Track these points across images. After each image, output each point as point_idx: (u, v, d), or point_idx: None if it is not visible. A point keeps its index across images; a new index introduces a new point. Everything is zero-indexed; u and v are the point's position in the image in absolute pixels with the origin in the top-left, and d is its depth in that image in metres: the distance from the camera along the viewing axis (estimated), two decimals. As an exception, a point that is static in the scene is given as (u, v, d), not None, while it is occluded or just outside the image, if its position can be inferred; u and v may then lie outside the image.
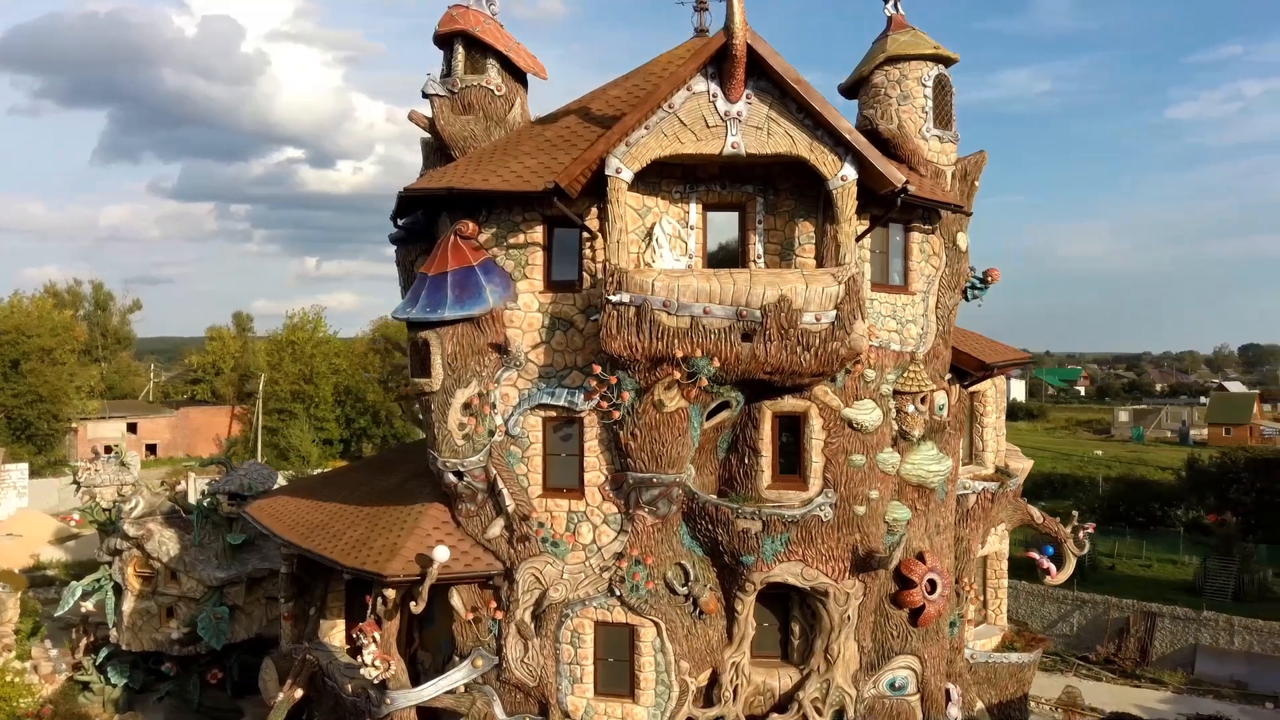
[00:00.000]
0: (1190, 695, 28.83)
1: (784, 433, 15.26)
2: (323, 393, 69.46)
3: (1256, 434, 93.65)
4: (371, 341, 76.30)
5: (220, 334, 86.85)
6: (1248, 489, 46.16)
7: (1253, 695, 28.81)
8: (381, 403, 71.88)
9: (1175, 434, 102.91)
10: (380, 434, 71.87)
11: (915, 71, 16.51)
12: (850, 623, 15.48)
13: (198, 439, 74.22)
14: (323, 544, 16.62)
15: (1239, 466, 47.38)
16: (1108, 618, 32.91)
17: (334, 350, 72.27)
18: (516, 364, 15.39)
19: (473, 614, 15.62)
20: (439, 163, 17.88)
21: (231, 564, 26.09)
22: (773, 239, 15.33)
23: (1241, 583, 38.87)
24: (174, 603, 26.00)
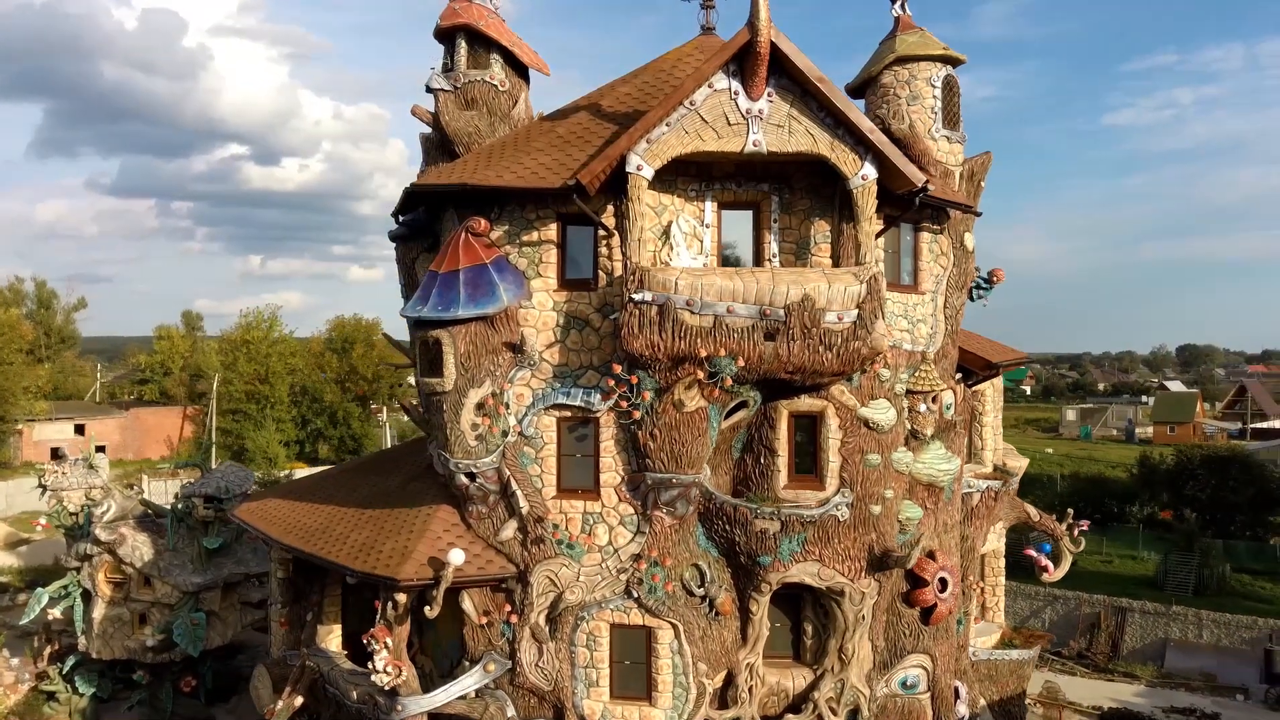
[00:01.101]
0: (1163, 688, 29.43)
1: (799, 432, 15.22)
2: (279, 393, 68.16)
3: (1199, 432, 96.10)
4: (328, 341, 75.05)
5: (169, 333, 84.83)
6: (1203, 486, 47.33)
7: (1221, 688, 29.47)
8: (339, 403, 70.77)
9: (1121, 432, 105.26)
10: (337, 435, 70.77)
11: (924, 72, 16.58)
12: (865, 622, 15.48)
13: (149, 440, 72.38)
14: (326, 548, 16.22)
15: (1195, 464, 48.55)
16: (1079, 613, 33.48)
17: (290, 350, 70.95)
18: (530, 363, 15.15)
19: (485, 618, 15.34)
20: (441, 159, 17.55)
21: (207, 568, 25.45)
22: (788, 238, 15.27)
23: (1202, 577, 39.86)
24: (147, 609, 25.30)
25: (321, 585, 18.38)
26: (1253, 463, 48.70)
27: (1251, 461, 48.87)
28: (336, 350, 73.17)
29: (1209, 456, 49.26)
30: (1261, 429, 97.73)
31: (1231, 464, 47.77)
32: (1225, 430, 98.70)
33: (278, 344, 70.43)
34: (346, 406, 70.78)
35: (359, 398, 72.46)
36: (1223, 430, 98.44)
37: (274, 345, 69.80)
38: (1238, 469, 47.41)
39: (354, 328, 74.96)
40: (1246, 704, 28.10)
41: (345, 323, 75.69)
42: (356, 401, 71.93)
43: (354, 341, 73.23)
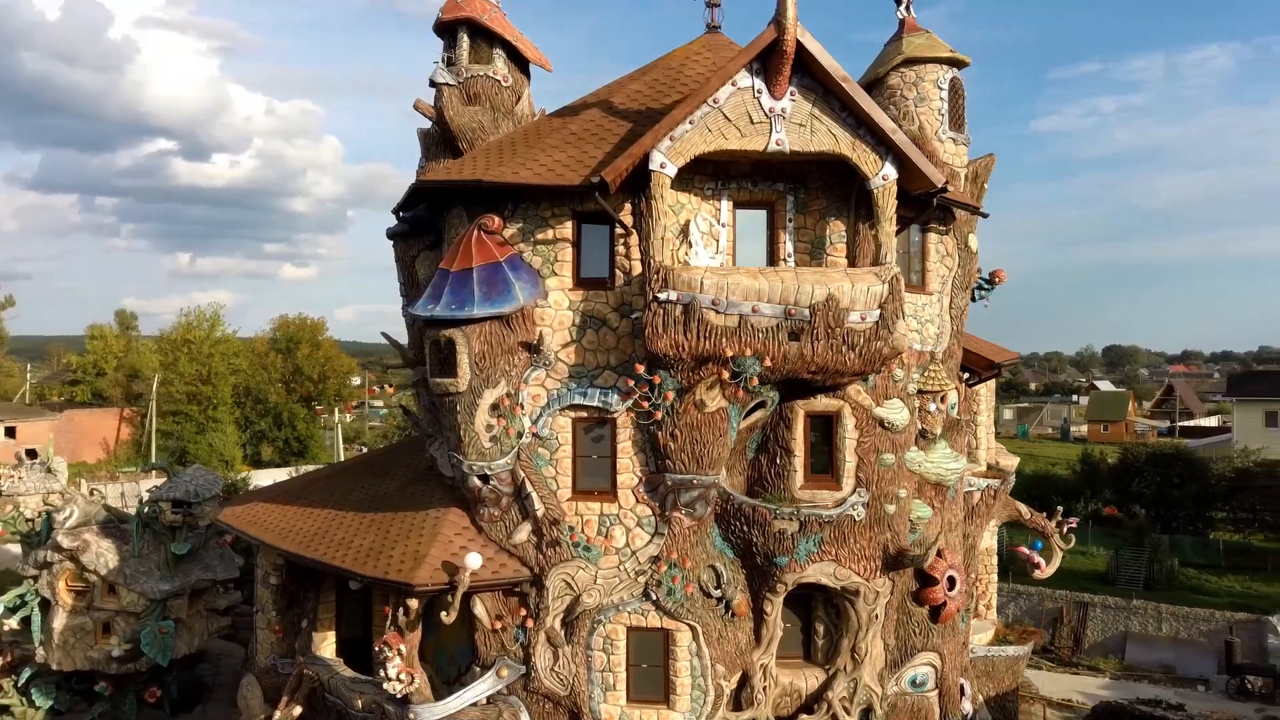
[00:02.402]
0: (1126, 681, 30.12)
1: (813, 432, 15.21)
2: (222, 394, 66.48)
3: (1131, 430, 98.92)
4: (272, 341, 73.43)
5: (102, 333, 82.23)
6: (1149, 483, 48.64)
7: (1182, 679, 30.28)
8: (284, 404, 69.30)
9: (1056, 431, 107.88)
10: (282, 437, 69.30)
11: (931, 74, 16.72)
12: (878, 621, 15.53)
13: (84, 443, 69.97)
14: (329, 553, 15.77)
15: (1141, 462, 49.89)
16: (1043, 609, 34.14)
17: (233, 350, 69.25)
18: (546, 363, 14.91)
19: (498, 623, 15.05)
20: (442, 154, 17.21)
21: (175, 575, 24.65)
22: (803, 238, 15.25)
23: (1152, 572, 40.91)
24: (111, 618, 24.38)
25: (316, 591, 17.88)
26: (1195, 460, 50.21)
27: (1194, 459, 50.38)
28: (281, 350, 71.63)
29: (1154, 454, 50.65)
30: (1188, 427, 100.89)
31: (1175, 461, 49.17)
32: (1155, 428, 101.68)
33: (220, 344, 68.68)
34: (292, 408, 69.35)
35: (304, 399, 71.03)
36: (1153, 428, 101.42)
37: (216, 345, 68.04)
38: (1181, 466, 48.85)
39: (299, 327, 73.46)
40: (1208, 694, 28.89)
41: (290, 322, 74.13)
42: (302, 403, 70.50)
43: (299, 341, 71.77)
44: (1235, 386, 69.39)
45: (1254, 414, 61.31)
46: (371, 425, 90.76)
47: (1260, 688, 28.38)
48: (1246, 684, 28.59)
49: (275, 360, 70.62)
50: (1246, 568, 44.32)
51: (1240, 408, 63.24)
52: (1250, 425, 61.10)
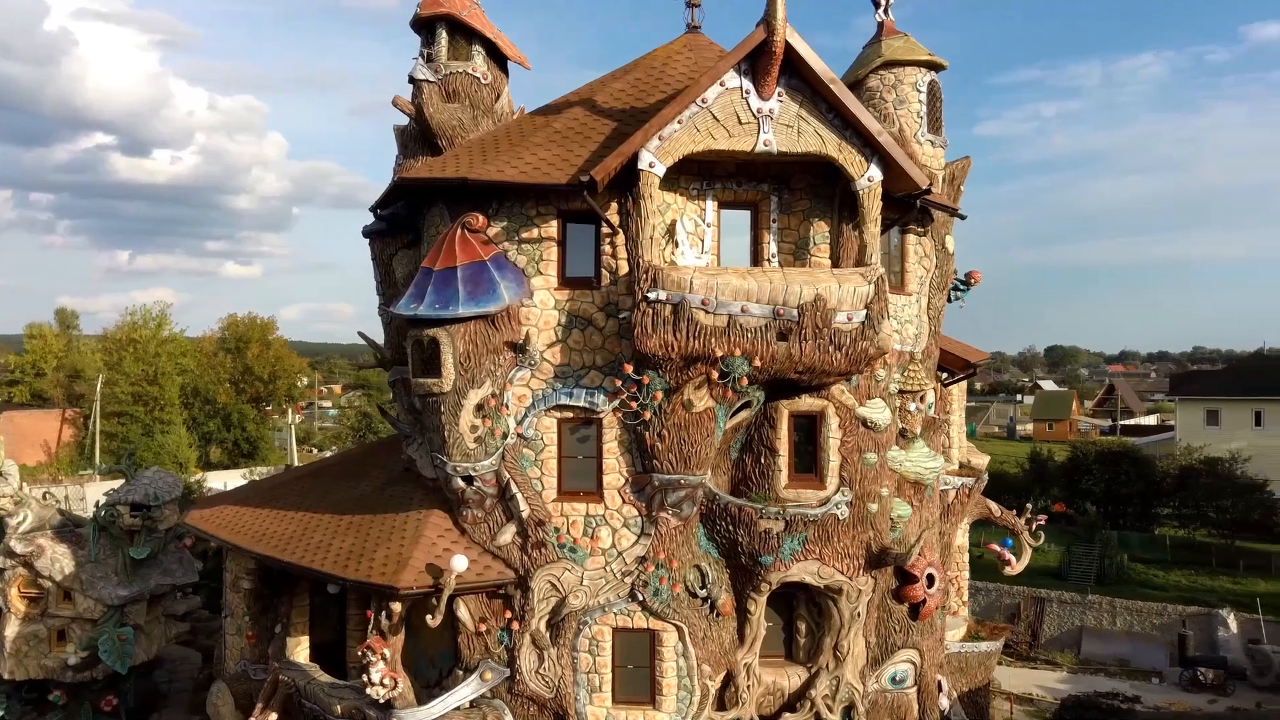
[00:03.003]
0: (1084, 674, 30.76)
1: (797, 432, 15.27)
2: (168, 395, 64.97)
3: (1075, 429, 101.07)
4: (221, 341, 72.00)
5: (41, 331, 79.85)
6: (1098, 481, 49.68)
7: (1136, 671, 31.00)
8: (233, 405, 67.99)
9: (1003, 429, 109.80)
10: (231, 438, 67.99)
11: (910, 77, 16.87)
12: (860, 619, 15.65)
13: (24, 445, 67.82)
14: (307, 557, 15.49)
15: (1090, 460, 50.94)
16: (1000, 604, 34.70)
17: (180, 350, 67.71)
18: (531, 363, 14.79)
19: (482, 625, 14.90)
20: (421, 152, 17.01)
21: (133, 580, 24.00)
22: (786, 238, 15.31)
23: (1103, 567, 41.79)
24: (66, 625, 23.67)
25: (290, 596, 17.55)
26: (1141, 458, 51.39)
27: (1140, 457, 51.56)
28: (230, 350, 70.25)
29: (1103, 452, 51.75)
30: (1129, 425, 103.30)
31: (1123, 459, 50.29)
32: (1098, 426, 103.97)
33: (167, 343, 67.09)
34: (241, 408, 68.06)
35: (254, 399, 69.79)
36: (1096, 426, 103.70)
37: (163, 344, 66.46)
38: (1129, 464, 49.97)
39: (248, 326, 72.10)
40: (1162, 686, 29.59)
41: (239, 321, 72.74)
42: (252, 403, 69.25)
43: (249, 341, 70.45)
44: (1177, 386, 71.15)
45: (1195, 412, 62.86)
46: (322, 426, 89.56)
47: (1212, 679, 29.14)
48: (1199, 676, 29.34)
49: (224, 360, 69.23)
50: (1192, 562, 45.50)
51: (1183, 406, 64.83)
52: (1192, 423, 62.65)
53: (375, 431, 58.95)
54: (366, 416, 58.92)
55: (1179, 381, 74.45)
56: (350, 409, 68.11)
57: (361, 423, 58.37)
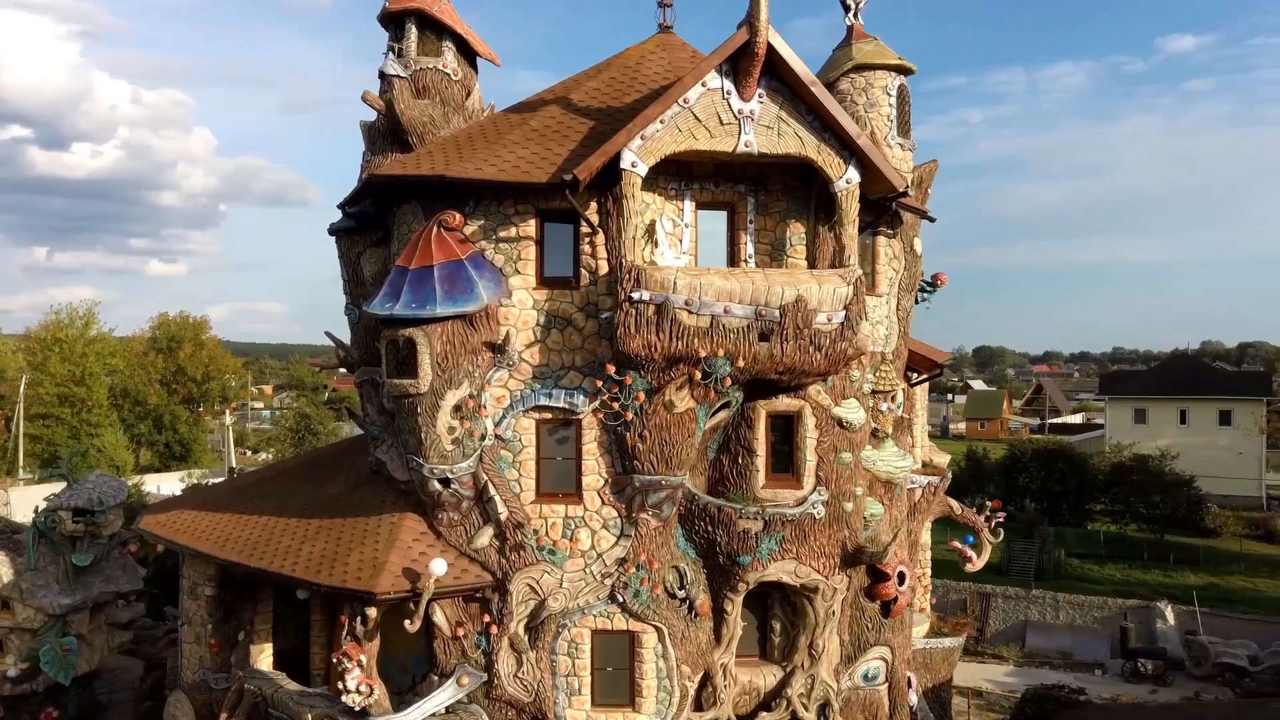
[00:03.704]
0: (1029, 668, 31.45)
1: (773, 432, 15.34)
2: (97, 396, 62.97)
3: (1005, 427, 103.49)
4: (152, 340, 69.99)
5: (-42, 330, 76.95)
6: (1034, 478, 50.91)
7: (1079, 664, 31.81)
8: (164, 406, 66.15)
9: (937, 428, 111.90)
10: (163, 440, 66.16)
11: (880, 81, 17.07)
12: (834, 618, 15.79)
13: (-59, 449, 65.26)
14: (276, 562, 15.11)
15: (1026, 458, 52.17)
16: (947, 600, 35.32)
17: (109, 350, 65.66)
18: (509, 364, 14.62)
19: (460, 629, 14.69)
20: (391, 148, 16.72)
21: (75, 589, 23.23)
22: (763, 239, 15.37)
23: (1042, 562, 42.80)
24: (4, 635, 22.83)
25: (254, 602, 17.12)
26: (1076, 456, 52.81)
27: (1075, 455, 52.98)
28: (162, 350, 68.33)
29: (1039, 451, 53.05)
30: (1057, 423, 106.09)
31: (1059, 457, 51.63)
32: (1028, 425, 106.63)
33: (95, 342, 65.03)
34: (173, 410, 66.26)
35: (187, 400, 68.00)
36: (1026, 425, 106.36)
37: (91, 344, 64.40)
38: (1063, 462, 51.31)
39: (181, 326, 70.22)
40: (1105, 678, 30.41)
41: (170, 321, 70.78)
42: (184, 404, 67.46)
43: (181, 340, 68.61)
44: (1107, 385, 73.31)
45: (1124, 411, 64.89)
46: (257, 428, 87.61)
47: (1152, 670, 30.03)
48: (1140, 667, 30.21)
49: (155, 360, 67.30)
50: (1125, 556, 46.87)
51: (1112, 405, 66.84)
52: (1121, 421, 64.65)
53: (314, 433, 57.90)
54: (306, 418, 57.75)
55: (1109, 381, 76.72)
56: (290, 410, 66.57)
57: (300, 424, 57.19)
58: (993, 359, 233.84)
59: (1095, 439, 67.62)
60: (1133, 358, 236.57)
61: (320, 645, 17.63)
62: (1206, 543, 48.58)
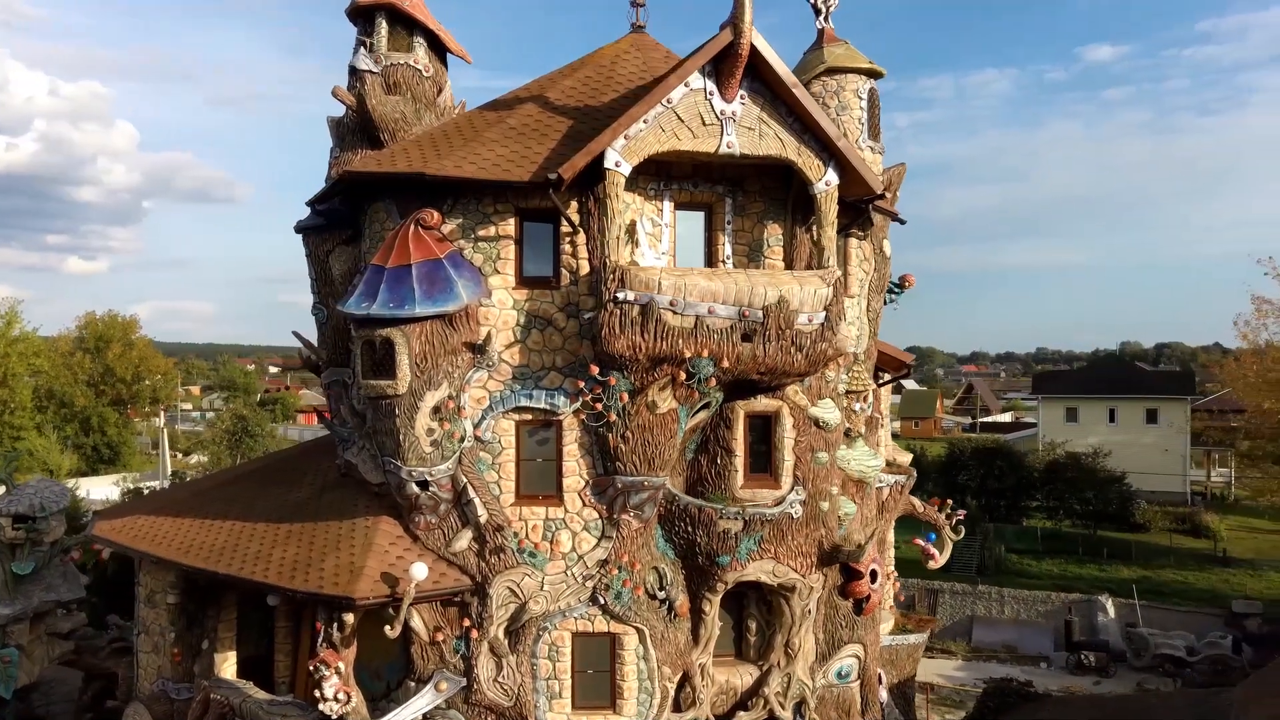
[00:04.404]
0: (977, 661, 32.19)
1: (751, 432, 15.40)
2: (20, 398, 60.69)
3: (939, 426, 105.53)
4: (79, 340, 67.72)
5: None
6: (973, 475, 52.01)
7: (1024, 657, 32.61)
8: (93, 408, 64.07)
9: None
10: (91, 443, 64.06)
11: (852, 84, 17.24)
12: (810, 616, 15.91)
13: None
14: (246, 568, 14.71)
15: (966, 456, 53.29)
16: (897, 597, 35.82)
17: (33, 349, 63.30)
18: (489, 364, 14.44)
19: (438, 634, 14.46)
20: (360, 145, 16.42)
21: (16, 598, 22.36)
22: (741, 240, 15.43)
23: (983, 558, 43.76)
24: (-60, 648, 21.88)
25: (217, 609, 16.65)
26: (1013, 453, 54.13)
27: (1012, 452, 54.29)
28: (90, 350, 66.14)
29: (978, 449, 54.27)
30: (988, 422, 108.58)
31: (996, 455, 52.87)
32: (960, 424, 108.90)
33: (17, 342, 62.63)
34: (102, 411, 64.21)
35: (116, 402, 65.96)
36: (958, 424, 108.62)
37: (13, 344, 62.02)
38: (1001, 460, 52.55)
39: (109, 325, 68.06)
40: (1050, 670, 31.23)
41: (98, 320, 68.57)
42: (113, 406, 65.43)
43: (109, 340, 66.49)
44: (1040, 385, 75.23)
45: (1056, 410, 66.65)
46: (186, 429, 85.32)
47: (1095, 662, 30.90)
48: (1083, 659, 31.07)
49: (83, 361, 65.12)
50: (1060, 551, 48.18)
51: (1045, 404, 68.61)
52: (1053, 420, 66.39)
53: (252, 435, 56.61)
54: (242, 420, 56.39)
55: (1041, 381, 78.69)
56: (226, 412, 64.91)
57: (237, 426, 55.81)
58: (923, 359, 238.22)
59: (1029, 437, 69.32)
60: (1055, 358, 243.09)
61: (285, 653, 17.21)
62: (1137, 537, 50.16)
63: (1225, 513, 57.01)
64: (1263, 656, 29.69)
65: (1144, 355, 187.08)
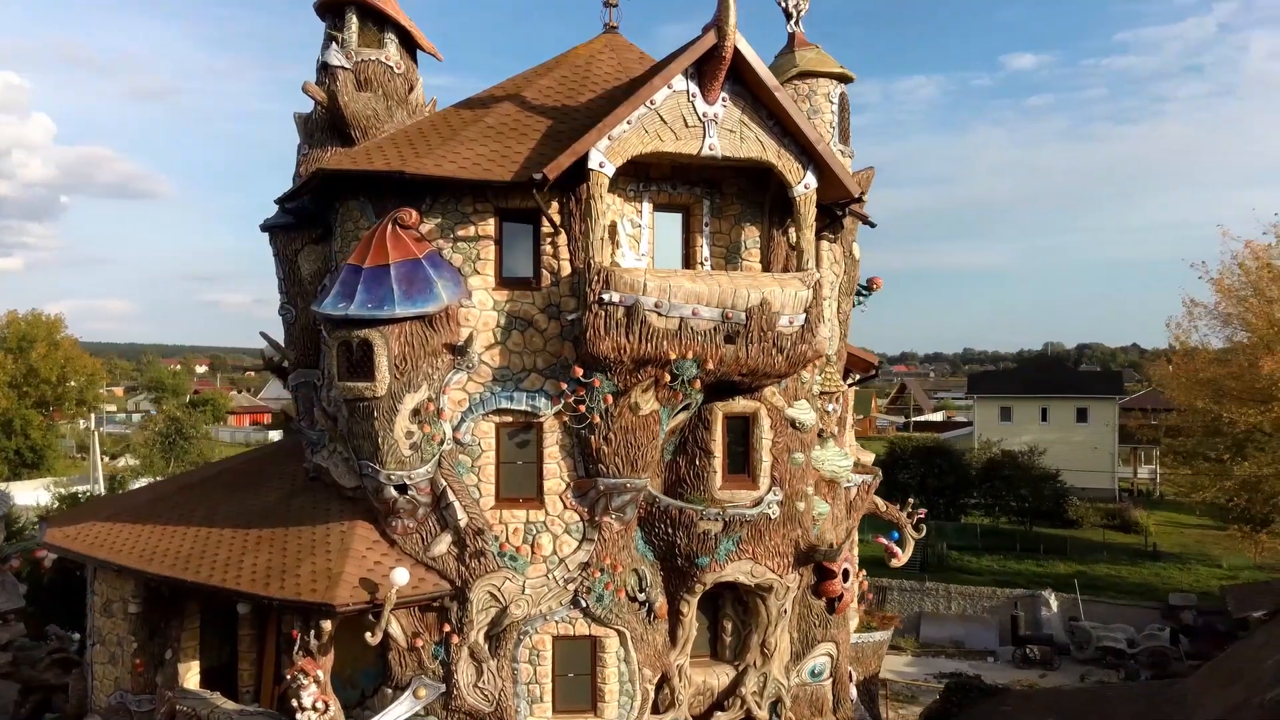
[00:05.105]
0: (926, 657, 32.73)
1: (729, 433, 15.44)
2: (-63, 399, 58.41)
3: (873, 425, 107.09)
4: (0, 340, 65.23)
5: None
6: (914, 474, 52.88)
7: (971, 652, 33.27)
8: (14, 410, 61.76)
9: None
10: (13, 447, 61.76)
11: (823, 88, 17.39)
12: (786, 615, 16.02)
13: None
14: (216, 576, 14.32)
15: (908, 454, 54.14)
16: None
17: (-50, 350, 60.96)
18: (469, 366, 14.25)
19: (418, 640, 14.23)
20: (330, 141, 16.12)
21: (-49, 609, 21.51)
22: (718, 242, 15.47)
23: (926, 555, 44.51)
24: (-128, 663, 20.95)
25: (180, 618, 16.17)
26: (953, 452, 55.16)
27: (952, 451, 55.33)
28: (11, 351, 63.74)
29: (918, 448, 55.15)
30: (920, 421, 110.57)
31: (937, 454, 53.82)
32: (894, 423, 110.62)
33: (-67, 343, 60.30)
34: (24, 414, 61.94)
35: (39, 404, 63.71)
36: (892, 423, 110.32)
37: (-70, 344, 59.68)
38: (941, 458, 53.51)
39: (32, 325, 65.68)
40: (997, 665, 31.88)
41: (20, 319, 66.12)
42: (37, 408, 63.18)
43: (33, 340, 64.17)
44: (975, 385, 76.80)
45: (991, 409, 68.15)
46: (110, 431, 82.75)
47: (1040, 656, 31.66)
48: (1029, 653, 31.80)
49: (4, 361, 62.71)
50: (999, 548, 49.22)
51: (980, 404, 70.09)
52: (988, 419, 67.86)
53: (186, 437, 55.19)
54: (176, 422, 54.91)
55: (976, 381, 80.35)
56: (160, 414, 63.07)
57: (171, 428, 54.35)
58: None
59: (964, 436, 70.74)
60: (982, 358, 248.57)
61: (249, 661, 16.78)
62: (1071, 533, 51.51)
63: (1152, 508, 58.92)
64: (1198, 647, 30.78)
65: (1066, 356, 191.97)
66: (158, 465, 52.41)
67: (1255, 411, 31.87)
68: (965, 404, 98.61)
